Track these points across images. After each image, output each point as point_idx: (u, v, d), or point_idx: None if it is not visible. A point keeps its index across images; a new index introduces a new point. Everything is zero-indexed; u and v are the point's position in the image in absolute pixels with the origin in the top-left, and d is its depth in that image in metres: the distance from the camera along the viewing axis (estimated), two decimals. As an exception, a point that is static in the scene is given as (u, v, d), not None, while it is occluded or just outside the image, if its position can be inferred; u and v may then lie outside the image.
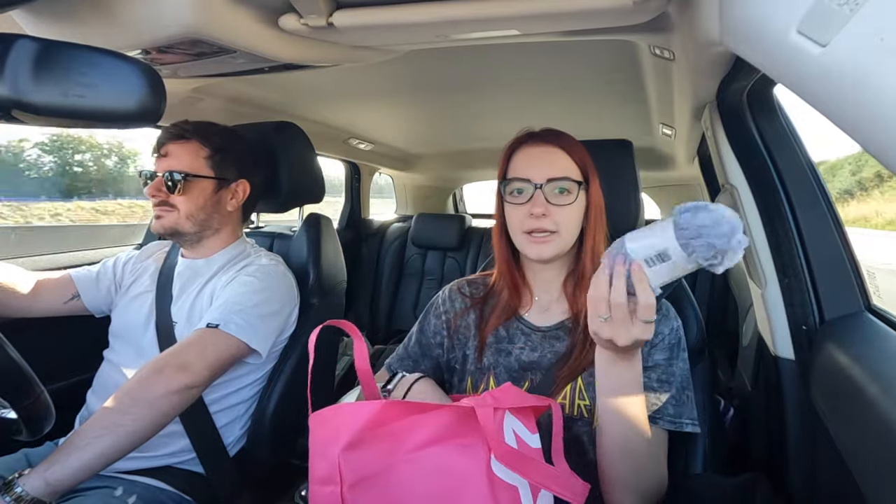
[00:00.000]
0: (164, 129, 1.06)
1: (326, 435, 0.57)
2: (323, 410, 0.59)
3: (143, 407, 0.80)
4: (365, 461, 0.55)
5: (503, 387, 0.63)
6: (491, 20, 0.72)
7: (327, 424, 0.58)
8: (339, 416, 0.57)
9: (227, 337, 0.92)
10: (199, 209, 1.03)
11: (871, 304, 0.81)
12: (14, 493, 0.68)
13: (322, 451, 0.57)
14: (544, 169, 0.74)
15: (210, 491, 0.98)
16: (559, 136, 0.78)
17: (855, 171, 8.98)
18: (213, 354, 0.90)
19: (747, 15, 0.47)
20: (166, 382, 0.82)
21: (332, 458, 0.55)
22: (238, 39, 0.76)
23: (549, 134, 0.79)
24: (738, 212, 0.96)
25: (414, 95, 1.62)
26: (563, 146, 0.76)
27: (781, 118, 0.92)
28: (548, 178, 0.74)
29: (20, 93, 0.42)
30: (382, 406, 0.57)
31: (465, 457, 0.57)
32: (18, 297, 1.02)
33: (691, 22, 0.67)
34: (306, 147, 1.28)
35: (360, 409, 0.57)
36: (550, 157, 0.76)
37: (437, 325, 0.87)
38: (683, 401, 0.73)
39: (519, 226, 0.76)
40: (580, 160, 0.77)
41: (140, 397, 0.80)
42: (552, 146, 0.76)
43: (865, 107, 0.35)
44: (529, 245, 0.76)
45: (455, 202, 3.47)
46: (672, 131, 1.63)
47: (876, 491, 0.54)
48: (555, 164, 0.75)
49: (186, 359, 0.87)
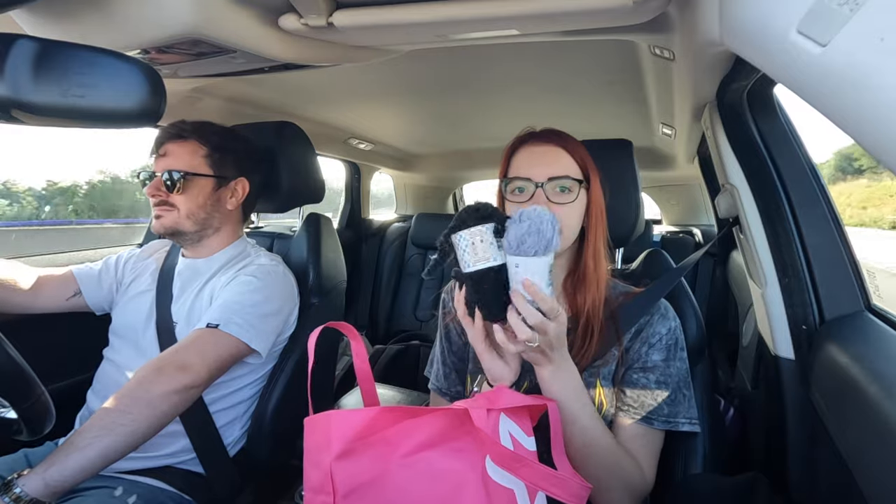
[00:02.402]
0: (163, 128, 1.06)
1: (318, 442, 0.57)
2: (316, 416, 0.59)
3: (142, 407, 0.79)
4: (357, 470, 0.55)
5: (496, 388, 0.63)
6: (491, 20, 0.72)
7: (319, 431, 0.58)
8: (330, 423, 0.57)
9: (227, 337, 0.92)
10: (199, 208, 1.03)
11: (871, 303, 0.81)
12: (13, 494, 0.68)
13: (315, 459, 0.57)
14: (545, 167, 0.75)
15: (210, 491, 0.98)
16: (560, 135, 0.78)
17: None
18: (212, 354, 0.90)
19: (747, 15, 0.47)
20: (166, 382, 0.82)
21: (324, 468, 0.55)
22: (238, 39, 0.76)
23: (551, 133, 0.79)
24: (739, 211, 0.96)
25: (414, 95, 1.62)
26: (564, 145, 0.77)
27: (781, 118, 0.92)
28: (549, 177, 0.74)
29: (20, 93, 0.42)
30: (376, 413, 0.57)
31: (459, 460, 0.57)
32: (20, 293, 1.02)
33: (691, 22, 0.67)
34: (306, 147, 1.28)
35: (351, 416, 0.57)
36: (552, 155, 0.76)
37: (452, 325, 0.88)
38: (679, 400, 0.73)
39: None
40: (581, 159, 0.77)
41: (140, 397, 0.80)
42: (553, 145, 0.77)
43: (865, 107, 0.35)
44: None
45: (455, 202, 3.47)
46: (672, 131, 1.63)
47: (876, 491, 0.54)
48: (556, 162, 0.75)
49: (186, 359, 0.87)
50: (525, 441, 0.61)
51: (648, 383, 0.73)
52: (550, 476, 0.54)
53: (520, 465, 0.54)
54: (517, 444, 0.60)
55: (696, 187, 2.82)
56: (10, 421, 0.71)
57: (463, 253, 0.62)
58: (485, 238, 0.61)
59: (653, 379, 0.73)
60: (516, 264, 0.60)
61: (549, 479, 0.54)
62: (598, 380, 0.75)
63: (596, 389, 0.75)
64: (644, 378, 0.73)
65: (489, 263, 0.61)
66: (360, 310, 2.62)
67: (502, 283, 0.61)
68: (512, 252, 0.60)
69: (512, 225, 0.60)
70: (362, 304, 2.62)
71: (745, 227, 0.95)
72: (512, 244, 0.60)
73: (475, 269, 0.61)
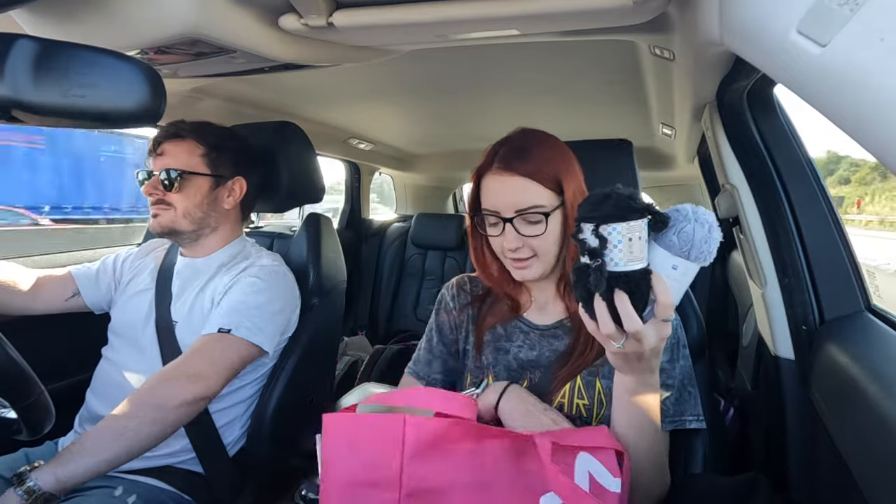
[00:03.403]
0: (161, 128, 1.06)
1: (383, 443, 0.57)
2: (388, 416, 0.59)
3: (155, 414, 0.81)
4: (425, 474, 0.56)
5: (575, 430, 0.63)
6: (491, 20, 0.72)
7: (389, 433, 0.57)
8: (401, 426, 0.57)
9: (238, 341, 0.93)
10: (196, 207, 1.03)
11: (871, 304, 0.81)
12: (27, 487, 0.70)
13: (374, 459, 0.57)
14: (511, 200, 0.71)
15: (210, 491, 0.98)
16: (523, 158, 0.72)
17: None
18: (223, 361, 0.90)
19: (747, 15, 0.47)
20: (180, 393, 0.84)
21: (394, 465, 0.55)
22: (238, 39, 0.76)
23: (514, 156, 0.73)
24: (739, 211, 0.96)
25: (414, 95, 1.61)
26: (527, 172, 0.71)
27: (781, 118, 0.92)
28: (515, 210, 0.71)
29: (20, 93, 0.42)
30: (449, 425, 0.57)
31: (516, 495, 0.57)
32: (19, 294, 1.02)
33: (691, 22, 0.67)
34: (306, 147, 1.28)
35: (426, 423, 0.57)
36: (515, 187, 0.71)
37: (448, 320, 0.88)
38: (685, 398, 0.73)
39: (500, 251, 0.77)
40: (551, 178, 0.72)
41: (153, 405, 0.82)
42: (515, 175, 0.71)
43: (865, 107, 0.35)
44: (513, 269, 0.76)
45: (455, 202, 3.47)
46: (672, 131, 1.63)
47: (876, 491, 0.54)
48: (521, 194, 0.71)
49: (199, 368, 0.88)
50: (609, 483, 0.60)
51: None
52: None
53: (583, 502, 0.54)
54: (596, 484, 0.59)
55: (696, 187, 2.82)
56: (10, 421, 0.71)
57: (613, 248, 0.52)
58: (643, 235, 0.52)
59: (660, 382, 0.73)
60: (674, 266, 0.54)
61: None
62: (598, 379, 0.75)
63: (595, 389, 0.75)
64: None
65: (642, 264, 0.53)
66: (360, 310, 2.62)
67: (648, 284, 0.53)
68: (680, 253, 0.53)
69: (686, 223, 0.53)
70: (362, 304, 2.62)
71: (745, 227, 0.95)
72: (684, 245, 0.53)
73: (627, 269, 0.52)
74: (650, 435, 0.66)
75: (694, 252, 0.53)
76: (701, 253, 0.53)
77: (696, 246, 0.53)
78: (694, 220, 0.53)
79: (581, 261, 0.55)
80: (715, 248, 0.53)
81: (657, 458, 0.69)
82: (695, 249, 0.53)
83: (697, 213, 0.54)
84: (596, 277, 0.53)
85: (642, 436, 0.65)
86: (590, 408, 0.75)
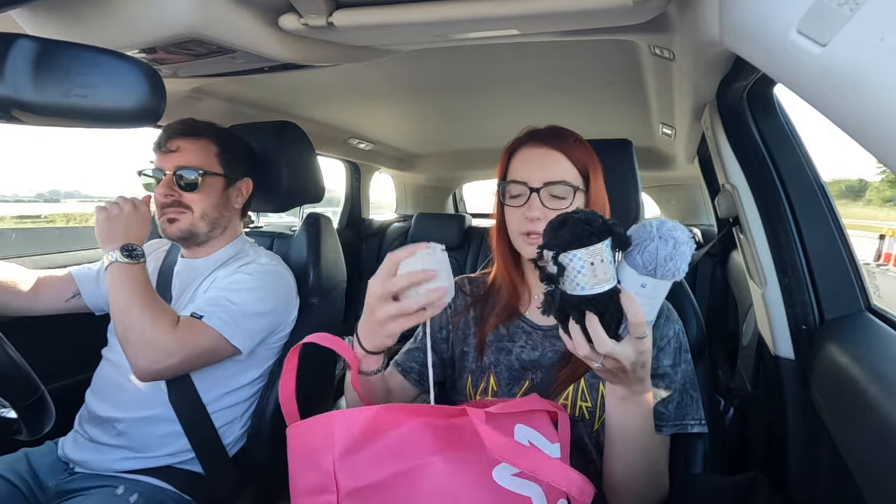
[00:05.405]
0: (172, 124, 1.03)
1: (316, 444, 0.55)
2: (312, 419, 0.57)
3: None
4: (362, 469, 0.53)
5: (500, 401, 0.61)
6: (491, 20, 0.72)
7: (318, 433, 0.56)
8: (332, 423, 0.55)
9: (208, 329, 0.92)
10: (213, 208, 1.02)
11: (871, 304, 0.81)
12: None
13: (311, 462, 0.55)
14: (541, 172, 0.74)
15: (210, 491, 0.98)
16: (560, 137, 0.77)
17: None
18: (191, 342, 0.89)
19: (747, 15, 0.47)
20: (144, 356, 0.87)
21: (326, 467, 0.53)
22: (238, 39, 0.76)
23: (550, 135, 0.77)
24: (739, 212, 0.96)
25: (414, 95, 1.62)
26: (562, 148, 0.75)
27: (781, 118, 0.92)
28: (544, 182, 0.73)
29: (20, 93, 0.42)
30: (377, 412, 0.55)
31: (465, 471, 0.54)
32: (20, 295, 1.01)
33: (691, 22, 0.67)
34: (306, 147, 1.28)
35: (354, 415, 0.55)
36: (548, 159, 0.75)
37: (442, 319, 0.88)
38: (687, 402, 0.73)
39: (517, 227, 0.76)
40: (581, 161, 0.75)
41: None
42: (551, 149, 0.75)
43: (865, 107, 0.35)
44: (526, 246, 0.76)
45: (455, 202, 3.47)
46: (672, 131, 1.63)
47: (876, 491, 0.54)
48: (552, 167, 0.74)
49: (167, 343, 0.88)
50: (547, 448, 0.59)
51: (658, 391, 0.72)
52: (560, 469, 0.52)
53: (522, 456, 0.52)
54: (536, 450, 0.58)
55: (695, 187, 2.82)
56: (10, 421, 0.71)
57: (577, 275, 0.52)
58: (605, 257, 0.52)
59: (662, 386, 0.73)
60: (643, 284, 0.53)
61: (558, 471, 0.52)
62: (602, 382, 0.75)
63: (599, 391, 0.75)
64: (653, 386, 0.73)
65: (609, 285, 0.52)
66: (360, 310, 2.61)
67: (619, 303, 0.53)
68: (646, 272, 0.52)
69: (650, 241, 0.52)
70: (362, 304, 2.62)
71: (745, 227, 0.95)
72: (648, 264, 0.52)
73: (594, 292, 0.52)
74: (644, 440, 0.66)
75: (660, 270, 0.52)
76: (667, 271, 0.52)
77: (660, 264, 0.52)
78: (658, 238, 0.52)
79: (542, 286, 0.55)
80: (684, 264, 0.52)
81: (653, 462, 0.69)
82: (660, 268, 0.52)
83: (662, 230, 0.52)
84: (555, 302, 0.54)
85: (636, 441, 0.66)
86: (593, 410, 0.75)
